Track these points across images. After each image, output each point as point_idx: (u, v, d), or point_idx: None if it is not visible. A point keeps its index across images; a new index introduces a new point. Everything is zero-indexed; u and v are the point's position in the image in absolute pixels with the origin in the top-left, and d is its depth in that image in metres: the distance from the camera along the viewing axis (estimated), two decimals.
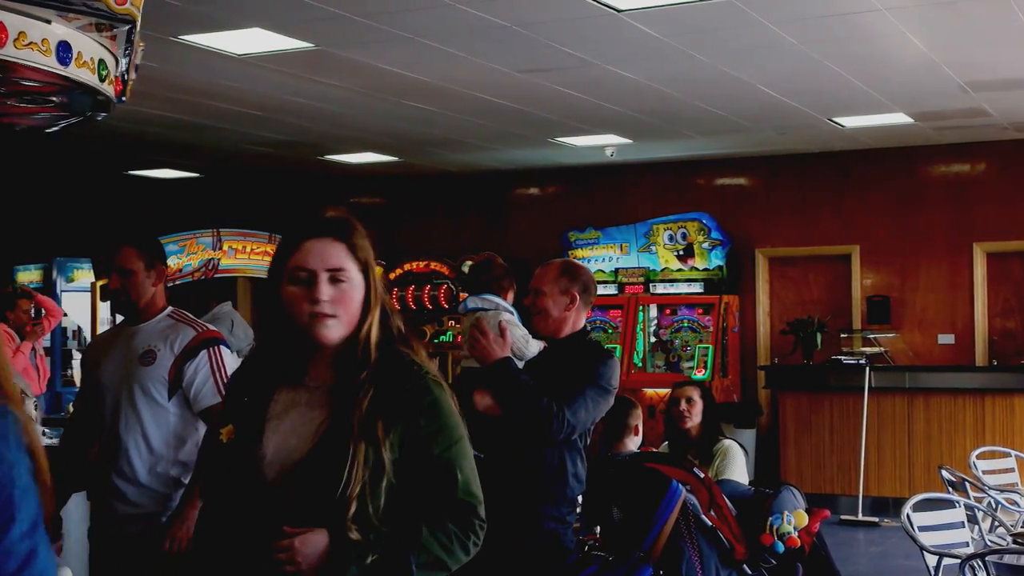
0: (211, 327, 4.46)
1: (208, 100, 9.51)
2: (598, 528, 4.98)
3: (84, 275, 11.26)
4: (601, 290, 12.62)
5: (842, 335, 12.04)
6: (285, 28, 7.35)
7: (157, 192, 14.91)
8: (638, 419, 5.57)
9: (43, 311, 8.94)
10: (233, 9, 6.90)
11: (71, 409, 4.68)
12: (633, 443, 5.48)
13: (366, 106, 9.75)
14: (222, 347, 4.36)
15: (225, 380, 4.26)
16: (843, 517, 10.31)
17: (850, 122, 10.67)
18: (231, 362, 4.35)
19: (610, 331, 12.74)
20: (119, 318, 5.09)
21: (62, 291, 11.50)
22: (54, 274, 11.65)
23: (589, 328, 4.42)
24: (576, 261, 4.84)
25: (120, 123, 9.86)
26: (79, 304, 8.84)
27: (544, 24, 7.26)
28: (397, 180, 14.40)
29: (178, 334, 4.32)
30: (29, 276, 11.72)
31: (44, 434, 7.39)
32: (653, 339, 12.72)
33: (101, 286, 7.44)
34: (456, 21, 7.12)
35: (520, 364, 4.17)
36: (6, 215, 4.17)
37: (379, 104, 9.67)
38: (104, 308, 7.63)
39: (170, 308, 4.46)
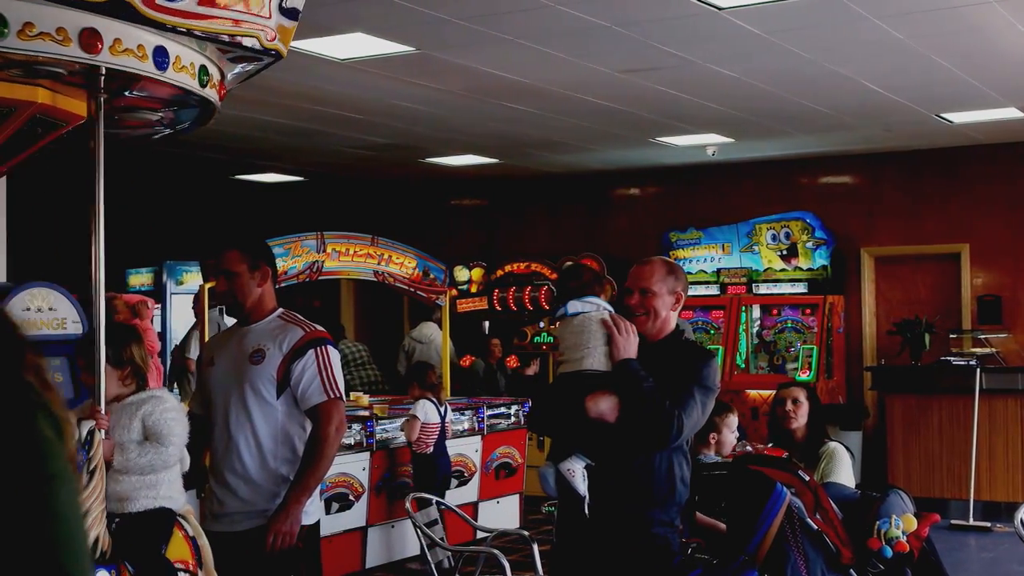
0: (319, 327, 4.50)
1: (312, 105, 9.65)
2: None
3: (193, 278, 11.48)
4: (703, 291, 12.61)
5: (951, 335, 11.79)
6: (387, 32, 7.42)
7: (263, 196, 15.17)
8: (727, 426, 5.49)
9: (137, 309, 9.10)
10: (336, 15, 6.99)
11: (187, 407, 4.76)
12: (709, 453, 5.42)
13: (467, 108, 9.81)
14: (330, 347, 4.42)
15: (333, 379, 4.34)
16: (953, 522, 10.09)
17: (959, 118, 10.43)
18: (337, 359, 4.42)
19: (712, 332, 12.64)
20: (228, 321, 5.16)
21: (172, 294, 11.75)
22: (164, 277, 11.91)
23: (681, 328, 4.34)
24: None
25: (226, 129, 10.06)
26: (188, 306, 9.04)
27: (645, 24, 7.23)
28: (497, 182, 14.45)
29: (287, 334, 4.39)
30: (140, 279, 12.00)
31: None
32: (756, 340, 12.59)
33: (209, 288, 7.58)
34: (556, 22, 7.12)
35: None
36: (118, 220, 4.29)
37: (480, 106, 9.71)
38: (212, 311, 7.78)
39: (280, 309, 4.53)
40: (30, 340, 1.78)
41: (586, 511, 3.94)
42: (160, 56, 3.88)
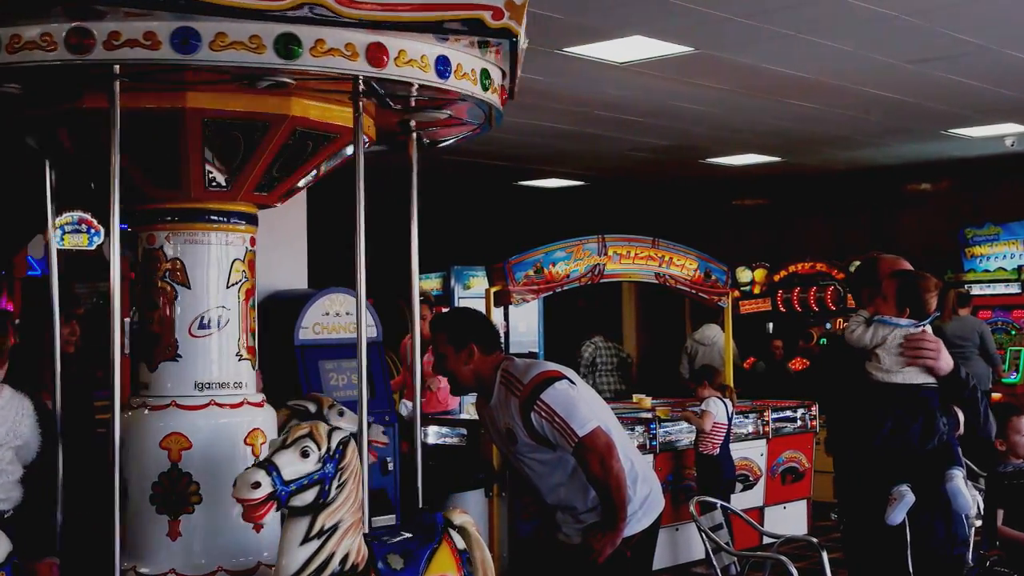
0: (525, 381, 4.32)
1: (591, 109, 9.76)
2: None
3: (479, 282, 11.81)
4: (1002, 289, 12.11)
5: None
6: (666, 34, 7.42)
7: (545, 201, 15.44)
8: (1015, 430, 5.21)
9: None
10: (615, 19, 7.04)
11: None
12: None
13: (748, 107, 9.69)
14: (542, 397, 4.25)
15: (565, 425, 4.21)
16: None
17: None
18: (561, 396, 4.26)
19: (1013, 332, 12.06)
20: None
21: (460, 298, 12.12)
22: (452, 282, 12.31)
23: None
24: None
25: (509, 136, 10.30)
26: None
27: (935, 11, 6.95)
28: (780, 180, 14.20)
29: (511, 404, 4.33)
30: (430, 284, 12.43)
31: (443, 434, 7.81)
32: None
33: (494, 292, 7.78)
34: (841, 14, 6.95)
35: None
36: (408, 227, 4.52)
37: (761, 104, 9.58)
38: (496, 313, 7.98)
39: (500, 372, 4.42)
40: None
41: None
42: (442, 65, 4.00)
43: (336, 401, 4.50)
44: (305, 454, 3.57)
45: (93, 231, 8.93)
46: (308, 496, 3.57)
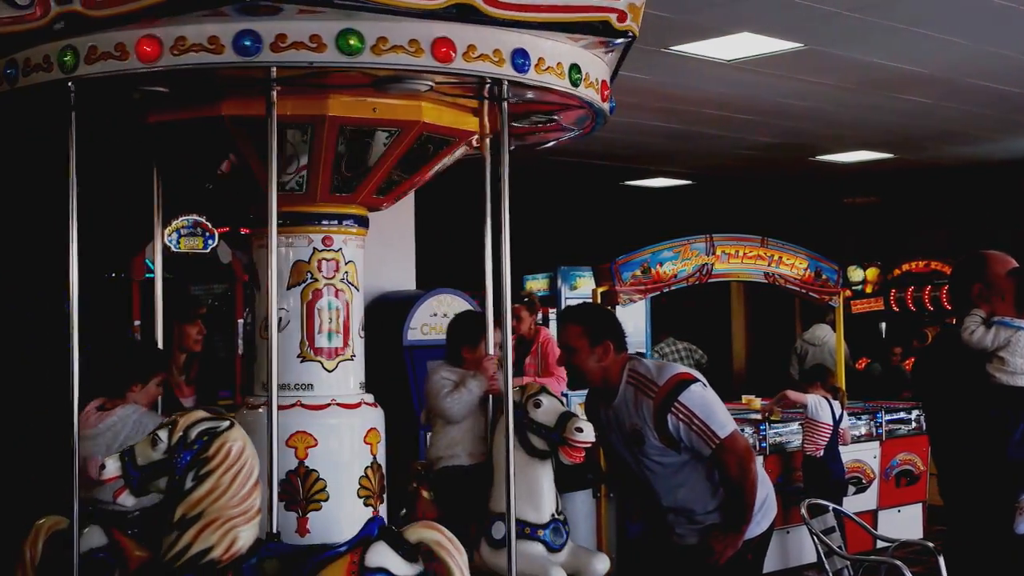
0: (660, 383, 4.26)
1: (698, 107, 9.69)
2: None
3: (586, 282, 11.78)
4: None
5: None
6: (774, 30, 7.34)
7: (651, 201, 15.37)
8: None
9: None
10: (722, 16, 6.99)
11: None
12: None
13: (859, 103, 9.54)
14: (681, 397, 4.20)
15: (704, 427, 4.16)
16: None
17: None
18: (698, 398, 4.22)
19: None
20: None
21: (566, 298, 12.09)
22: (559, 282, 12.29)
23: None
24: None
25: (615, 135, 10.27)
26: None
27: None
28: (893, 177, 13.93)
29: (642, 406, 4.26)
30: (537, 285, 12.42)
31: None
32: None
33: (601, 293, 7.76)
34: (954, 6, 6.82)
35: None
36: (516, 227, 4.56)
37: (872, 100, 9.42)
38: None
39: (626, 372, 4.34)
40: None
41: None
42: (520, 58, 3.75)
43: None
44: (154, 442, 3.65)
45: (208, 234, 9.11)
46: (161, 484, 3.66)
